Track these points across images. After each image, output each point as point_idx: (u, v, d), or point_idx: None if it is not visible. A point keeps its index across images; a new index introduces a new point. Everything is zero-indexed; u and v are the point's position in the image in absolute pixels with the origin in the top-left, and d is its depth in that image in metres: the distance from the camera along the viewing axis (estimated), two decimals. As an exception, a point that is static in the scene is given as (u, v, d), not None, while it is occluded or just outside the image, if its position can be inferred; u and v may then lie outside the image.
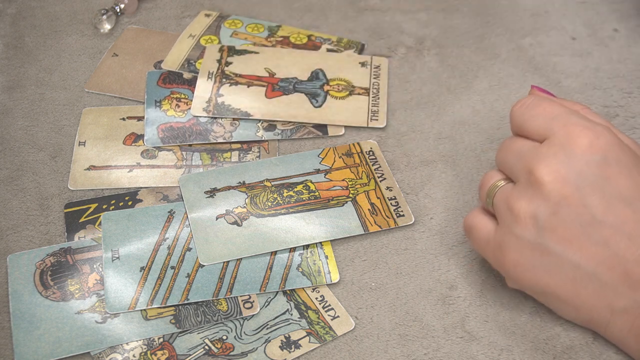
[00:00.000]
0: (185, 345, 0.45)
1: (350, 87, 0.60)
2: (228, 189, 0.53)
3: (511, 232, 0.43)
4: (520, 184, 0.43)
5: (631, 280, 0.41)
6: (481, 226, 0.46)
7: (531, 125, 0.44)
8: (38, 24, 0.67)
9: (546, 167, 0.41)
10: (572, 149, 0.41)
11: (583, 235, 0.41)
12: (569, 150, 0.41)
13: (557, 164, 0.41)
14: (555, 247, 0.42)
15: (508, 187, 0.44)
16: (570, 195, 0.41)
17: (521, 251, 0.43)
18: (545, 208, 0.41)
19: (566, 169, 0.41)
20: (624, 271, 0.41)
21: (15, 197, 0.53)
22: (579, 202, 0.41)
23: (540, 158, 0.42)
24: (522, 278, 0.44)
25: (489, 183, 0.46)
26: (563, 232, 0.41)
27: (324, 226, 0.51)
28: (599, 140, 0.41)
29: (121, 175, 0.54)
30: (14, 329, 0.45)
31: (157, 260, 0.49)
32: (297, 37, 0.65)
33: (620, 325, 0.42)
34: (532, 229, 0.42)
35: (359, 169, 0.55)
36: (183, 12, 0.68)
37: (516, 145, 0.44)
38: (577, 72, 0.62)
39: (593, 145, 0.41)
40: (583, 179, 0.41)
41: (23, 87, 0.61)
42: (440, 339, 0.46)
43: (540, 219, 0.42)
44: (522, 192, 0.42)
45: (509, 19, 0.67)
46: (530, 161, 0.42)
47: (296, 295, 0.48)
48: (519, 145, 0.44)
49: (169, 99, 0.59)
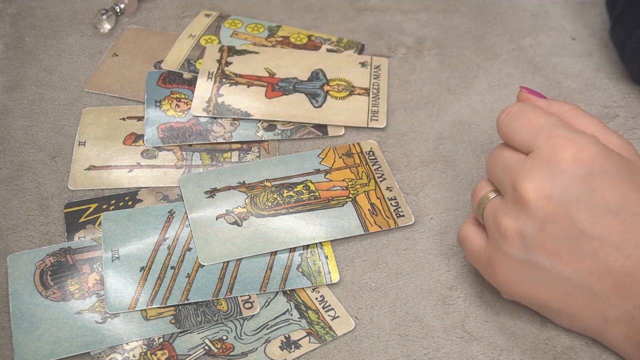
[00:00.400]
0: (185, 345, 0.45)
1: (350, 87, 0.60)
2: (228, 189, 0.53)
3: (499, 249, 0.43)
4: (506, 199, 0.43)
5: (621, 291, 0.41)
6: (472, 239, 0.45)
7: (516, 137, 0.43)
8: (38, 24, 0.67)
9: (530, 184, 0.41)
10: (556, 163, 0.41)
11: (571, 248, 0.41)
12: (553, 165, 0.41)
13: (541, 180, 0.41)
14: (544, 261, 0.41)
15: (497, 201, 0.44)
16: (555, 211, 0.40)
17: (511, 267, 0.43)
18: (532, 225, 0.41)
19: (550, 185, 0.40)
20: (614, 282, 0.41)
21: (15, 197, 0.53)
22: (565, 217, 0.40)
23: (524, 173, 0.41)
24: (514, 292, 0.44)
25: (480, 194, 0.45)
26: (551, 247, 0.41)
27: (324, 226, 0.51)
28: (583, 152, 0.41)
29: (121, 175, 0.54)
30: (14, 329, 0.45)
31: (157, 260, 0.49)
32: (297, 37, 0.65)
33: (615, 333, 0.43)
34: (520, 246, 0.42)
35: (359, 169, 0.55)
36: (183, 12, 0.68)
37: (503, 157, 0.44)
38: (577, 73, 0.62)
39: (577, 158, 0.41)
40: (568, 194, 0.40)
41: (23, 87, 0.61)
42: (440, 339, 0.46)
43: (527, 237, 0.41)
44: (509, 209, 0.42)
45: (509, 19, 0.67)
46: (515, 176, 0.42)
47: (296, 295, 0.48)
48: (506, 157, 0.44)
49: (169, 99, 0.59)
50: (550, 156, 0.41)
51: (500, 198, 0.44)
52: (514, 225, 0.42)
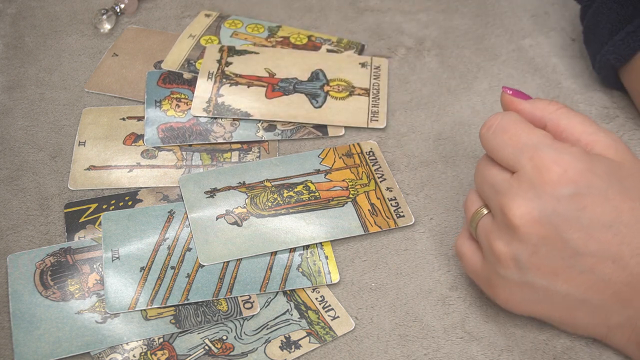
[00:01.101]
0: (185, 345, 0.45)
1: (350, 87, 0.60)
2: (228, 189, 0.53)
3: (496, 271, 0.42)
4: (497, 221, 0.42)
5: (622, 300, 0.41)
6: (469, 255, 0.45)
7: (500, 155, 0.42)
8: (38, 24, 0.67)
9: (518, 210, 0.40)
10: (541, 185, 0.40)
11: (567, 267, 0.40)
12: (539, 187, 0.40)
13: (529, 204, 0.40)
14: (542, 281, 0.41)
15: (488, 221, 0.43)
16: (547, 234, 0.40)
17: (509, 288, 0.43)
18: (524, 250, 0.41)
19: (539, 209, 0.40)
20: (614, 292, 0.40)
21: (15, 197, 0.53)
22: (558, 238, 0.40)
23: (511, 197, 0.40)
24: (515, 310, 0.44)
25: (471, 209, 0.45)
26: (546, 267, 0.41)
27: (324, 226, 0.51)
28: (568, 172, 0.40)
29: (121, 175, 0.54)
30: (14, 329, 0.45)
31: (157, 260, 0.49)
32: (297, 37, 0.65)
33: (619, 336, 0.43)
34: (515, 270, 0.41)
35: (359, 169, 0.55)
36: (183, 12, 0.68)
37: (489, 175, 0.43)
38: (577, 73, 0.62)
39: (562, 178, 0.39)
40: (557, 216, 0.40)
41: (23, 87, 0.61)
42: (441, 340, 0.46)
43: (521, 260, 0.41)
44: (500, 233, 0.41)
45: (509, 20, 0.67)
46: (502, 200, 0.41)
47: (296, 295, 0.48)
48: (492, 176, 0.43)
49: (169, 99, 0.59)
50: (535, 178, 0.40)
51: (490, 217, 0.43)
52: (506, 250, 0.41)
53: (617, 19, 0.56)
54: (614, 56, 0.56)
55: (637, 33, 0.54)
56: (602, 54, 0.57)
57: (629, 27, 0.55)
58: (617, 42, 0.55)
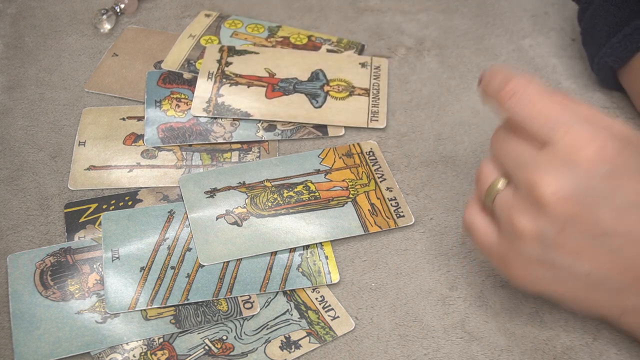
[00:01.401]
0: (185, 345, 0.45)
1: (350, 87, 0.60)
2: (228, 189, 0.53)
3: (515, 248, 0.41)
4: (521, 196, 0.40)
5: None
6: (482, 230, 0.43)
7: (531, 125, 0.40)
8: (38, 24, 0.67)
9: (549, 186, 0.38)
10: (576, 161, 0.38)
11: (594, 246, 0.39)
12: (574, 164, 0.38)
13: (561, 180, 0.38)
14: (564, 260, 0.40)
15: (508, 194, 0.41)
16: (577, 212, 0.39)
17: (527, 266, 0.41)
18: (552, 227, 0.39)
19: (572, 186, 0.38)
20: (636, 275, 0.40)
21: (15, 197, 0.53)
22: (588, 217, 0.39)
23: (542, 172, 0.39)
24: (528, 288, 0.43)
25: (487, 181, 0.43)
26: (572, 246, 0.40)
27: (324, 226, 0.51)
28: (605, 150, 0.38)
29: (121, 175, 0.54)
30: (14, 329, 0.45)
31: (157, 260, 0.49)
32: (297, 37, 0.65)
33: (633, 319, 0.42)
34: (538, 247, 0.40)
35: (359, 169, 0.55)
36: (183, 12, 0.68)
37: (514, 148, 0.41)
38: (576, 74, 0.62)
39: (599, 156, 0.38)
40: (590, 194, 0.38)
41: (23, 87, 0.61)
42: (440, 340, 0.46)
43: (546, 238, 0.39)
44: (525, 209, 0.40)
45: (508, 20, 0.68)
46: (531, 174, 0.39)
47: (296, 295, 0.48)
48: (518, 150, 0.41)
49: (169, 99, 0.59)
50: (569, 153, 0.39)
51: (511, 190, 0.41)
52: (531, 226, 0.40)
53: (615, 22, 0.56)
54: (612, 58, 0.56)
55: (635, 35, 0.55)
56: (600, 56, 0.57)
57: (627, 29, 0.55)
58: (614, 44, 0.55)
